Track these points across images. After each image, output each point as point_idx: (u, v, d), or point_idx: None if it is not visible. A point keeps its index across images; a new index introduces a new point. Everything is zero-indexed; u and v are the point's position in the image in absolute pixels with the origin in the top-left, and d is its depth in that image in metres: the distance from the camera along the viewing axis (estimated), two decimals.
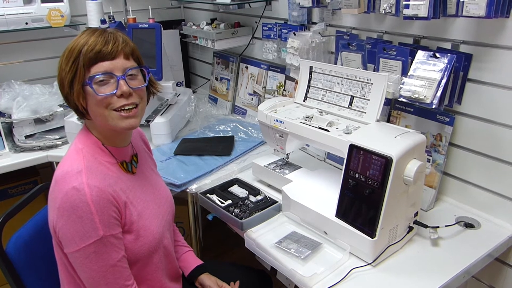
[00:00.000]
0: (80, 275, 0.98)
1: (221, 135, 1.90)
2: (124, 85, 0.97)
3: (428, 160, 1.32)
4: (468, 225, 1.25)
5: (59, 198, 0.93)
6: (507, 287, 1.29)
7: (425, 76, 1.20)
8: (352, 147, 1.10)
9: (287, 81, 1.89)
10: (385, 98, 1.20)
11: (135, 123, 1.02)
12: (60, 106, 1.86)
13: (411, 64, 1.24)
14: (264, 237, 1.24)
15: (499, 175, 1.24)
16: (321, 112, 1.31)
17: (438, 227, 1.18)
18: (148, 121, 1.77)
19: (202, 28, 2.09)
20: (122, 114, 0.99)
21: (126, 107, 0.99)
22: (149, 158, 1.26)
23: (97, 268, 0.95)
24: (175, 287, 1.22)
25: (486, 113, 1.23)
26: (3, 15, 1.84)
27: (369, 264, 1.10)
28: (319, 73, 1.35)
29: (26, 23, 1.91)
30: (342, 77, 1.29)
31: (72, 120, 1.75)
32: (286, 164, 1.48)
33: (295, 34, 1.63)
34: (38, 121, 1.83)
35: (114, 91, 0.97)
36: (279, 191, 1.36)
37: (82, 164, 0.96)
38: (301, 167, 1.46)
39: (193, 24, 2.23)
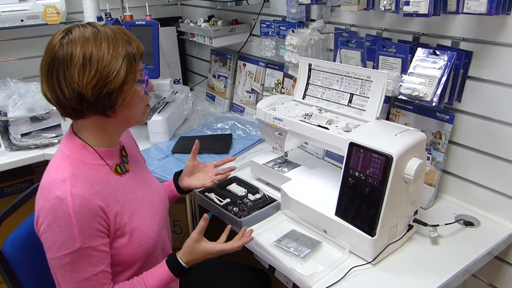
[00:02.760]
0: (59, 280, 0.97)
1: (219, 133, 1.89)
2: (150, 83, 1.06)
3: (428, 158, 1.32)
4: (468, 223, 1.25)
5: (43, 206, 0.92)
6: (506, 285, 1.29)
7: (425, 73, 1.19)
8: (352, 145, 1.09)
9: (285, 78, 1.88)
10: (385, 96, 1.19)
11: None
12: None
13: (410, 62, 1.24)
14: (263, 235, 1.23)
15: (499, 173, 1.23)
16: (320, 110, 1.30)
17: (437, 225, 1.18)
18: None
19: (200, 25, 2.07)
20: (148, 107, 1.08)
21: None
22: (138, 154, 1.24)
23: (70, 279, 0.93)
24: (174, 282, 1.21)
25: (486, 111, 1.23)
26: None
27: (369, 262, 1.10)
28: (318, 70, 1.34)
29: (22, 20, 1.89)
30: (341, 75, 1.28)
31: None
32: (285, 162, 1.48)
33: (293, 31, 1.62)
34: (34, 119, 1.81)
35: (146, 88, 1.04)
36: (278, 189, 1.35)
37: (68, 172, 0.94)
38: (300, 165, 1.45)
39: (191, 21, 2.21)
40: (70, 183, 0.92)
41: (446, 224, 1.21)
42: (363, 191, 1.07)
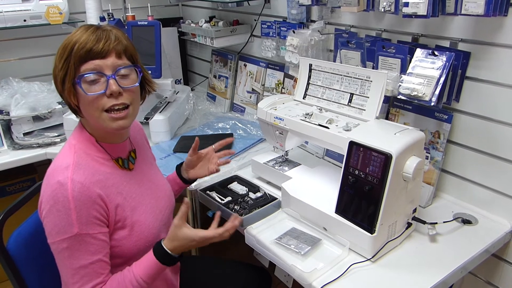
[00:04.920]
0: (58, 267, 0.99)
1: (220, 132, 1.90)
2: (114, 84, 0.95)
3: (426, 157, 1.34)
4: (466, 221, 1.26)
5: (46, 191, 0.95)
6: (503, 282, 1.30)
7: (424, 73, 1.21)
8: (352, 144, 1.11)
9: (285, 78, 1.89)
10: (384, 96, 1.21)
11: (125, 124, 1.01)
12: (59, 103, 1.86)
13: (409, 62, 1.25)
14: (264, 233, 1.24)
15: (496, 172, 1.25)
16: (321, 110, 1.32)
17: (436, 223, 1.20)
18: (147, 118, 1.78)
19: (201, 26, 2.09)
20: (112, 115, 0.97)
21: (116, 107, 0.97)
22: (148, 151, 1.26)
23: (68, 265, 0.94)
24: (174, 278, 1.23)
25: (483, 111, 1.24)
26: (1, 12, 1.83)
27: (368, 259, 1.11)
28: (318, 70, 1.36)
29: (24, 20, 1.90)
30: (341, 75, 1.29)
31: (71, 117, 1.75)
32: (286, 161, 1.49)
33: (294, 32, 1.64)
34: (37, 118, 1.83)
35: (104, 91, 0.95)
36: (279, 188, 1.37)
37: (71, 160, 0.96)
38: (300, 164, 1.46)
39: (192, 22, 2.23)
40: (72, 170, 0.94)
41: (444, 222, 1.23)
42: (362, 189, 1.08)
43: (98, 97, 0.96)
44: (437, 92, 1.18)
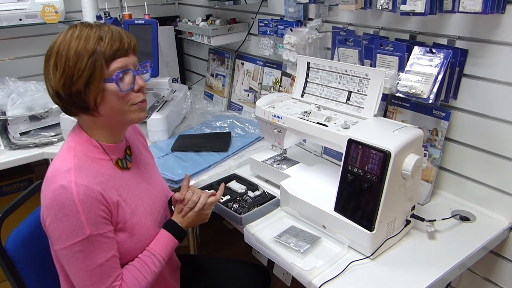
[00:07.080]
0: (68, 273, 0.98)
1: (218, 131, 1.90)
2: (140, 79, 1.02)
3: (425, 155, 1.34)
4: (464, 218, 1.27)
5: (48, 196, 0.93)
6: (501, 279, 1.31)
7: (422, 71, 1.21)
8: (351, 142, 1.11)
9: (283, 77, 1.89)
10: (382, 94, 1.21)
11: (145, 115, 1.07)
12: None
13: (407, 60, 1.26)
14: (263, 231, 1.24)
15: (494, 169, 1.25)
16: (319, 108, 1.32)
17: (434, 220, 1.20)
18: None
19: (198, 24, 2.08)
20: (140, 105, 1.03)
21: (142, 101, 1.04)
22: (144, 151, 1.25)
23: (83, 267, 0.94)
24: (174, 277, 1.23)
25: (481, 108, 1.25)
26: None
27: (367, 257, 1.11)
28: (316, 68, 1.36)
29: (20, 19, 1.90)
30: (339, 73, 1.29)
31: (68, 117, 1.73)
32: (284, 159, 1.49)
33: (291, 30, 1.64)
34: (33, 118, 1.82)
35: (132, 86, 1.00)
36: (277, 186, 1.37)
37: (72, 163, 0.96)
38: (298, 162, 1.47)
39: (188, 20, 2.22)
40: (75, 173, 0.93)
41: (442, 219, 1.23)
42: (361, 187, 1.09)
43: (128, 92, 1.00)
44: (435, 89, 1.19)
